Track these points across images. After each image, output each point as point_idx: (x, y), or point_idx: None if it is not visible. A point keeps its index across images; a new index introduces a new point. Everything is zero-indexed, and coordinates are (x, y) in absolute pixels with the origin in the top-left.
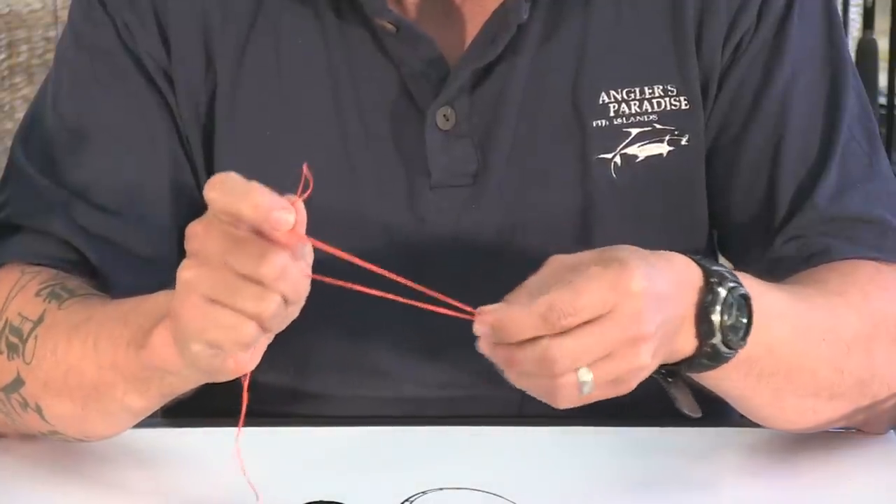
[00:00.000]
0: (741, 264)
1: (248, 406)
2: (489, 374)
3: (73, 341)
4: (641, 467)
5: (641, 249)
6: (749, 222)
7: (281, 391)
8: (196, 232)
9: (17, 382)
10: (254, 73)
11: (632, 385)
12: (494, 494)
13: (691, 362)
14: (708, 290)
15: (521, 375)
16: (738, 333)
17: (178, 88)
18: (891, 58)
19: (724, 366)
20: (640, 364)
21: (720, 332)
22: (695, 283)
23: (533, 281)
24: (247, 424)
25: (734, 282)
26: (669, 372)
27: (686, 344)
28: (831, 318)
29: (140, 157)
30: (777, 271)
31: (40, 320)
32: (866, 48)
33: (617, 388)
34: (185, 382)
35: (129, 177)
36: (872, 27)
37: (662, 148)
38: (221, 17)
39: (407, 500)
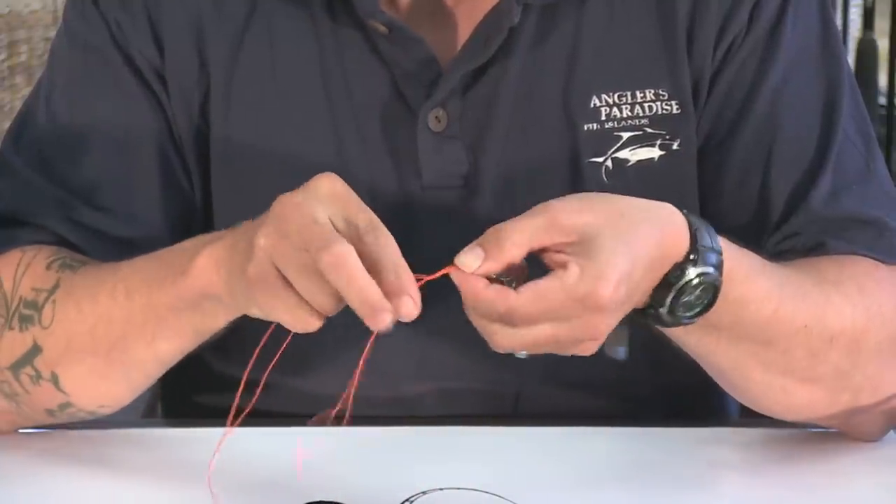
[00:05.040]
0: None
1: (245, 407)
2: (483, 369)
3: (99, 296)
4: (640, 467)
5: (633, 219)
6: (742, 225)
7: (279, 391)
8: (287, 204)
9: (33, 352)
10: (248, 74)
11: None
12: (494, 494)
13: (637, 312)
14: (678, 266)
15: None
16: (690, 311)
17: (170, 88)
18: (891, 58)
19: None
20: (587, 349)
21: (670, 305)
22: (675, 257)
23: (519, 227)
24: (246, 424)
25: (713, 266)
26: None
27: (641, 298)
28: (821, 307)
29: (130, 155)
30: None
31: (56, 287)
32: (866, 48)
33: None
34: (226, 311)
35: (119, 175)
36: (872, 27)
37: (654, 152)
38: (215, 18)
39: (407, 501)
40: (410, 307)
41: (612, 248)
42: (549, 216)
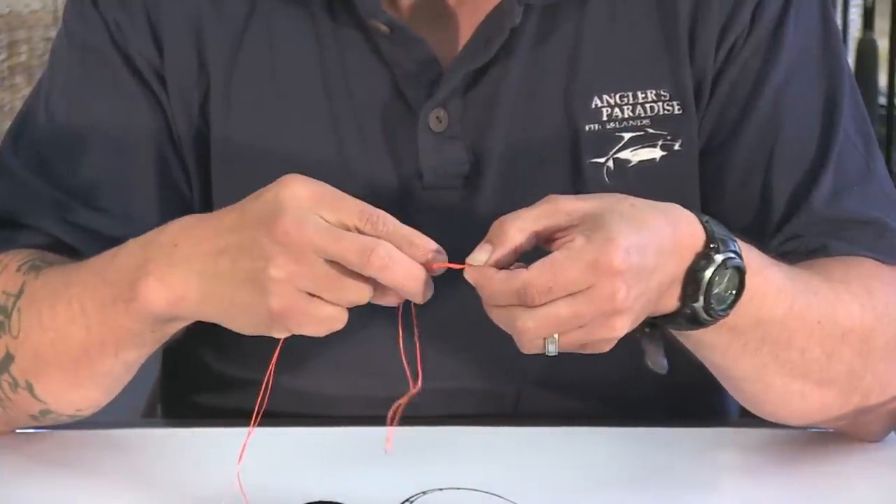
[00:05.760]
0: None
1: (244, 407)
2: (483, 369)
3: (56, 307)
4: (641, 467)
5: (640, 207)
6: (745, 226)
7: (277, 391)
8: (287, 230)
9: (7, 360)
10: (247, 74)
11: (603, 350)
12: (494, 494)
13: (671, 319)
14: (703, 255)
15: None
16: (723, 303)
17: (170, 89)
18: (891, 58)
19: (707, 329)
20: (613, 336)
21: (704, 297)
22: (693, 246)
23: (522, 214)
24: (245, 424)
25: (734, 252)
26: (649, 322)
27: (669, 302)
28: (831, 304)
29: (128, 155)
30: None
31: (20, 293)
32: (866, 48)
33: (585, 351)
34: (184, 322)
35: (117, 175)
36: (872, 27)
37: (655, 153)
38: (214, 18)
39: (407, 501)
40: (445, 259)
41: (619, 221)
42: (552, 203)
